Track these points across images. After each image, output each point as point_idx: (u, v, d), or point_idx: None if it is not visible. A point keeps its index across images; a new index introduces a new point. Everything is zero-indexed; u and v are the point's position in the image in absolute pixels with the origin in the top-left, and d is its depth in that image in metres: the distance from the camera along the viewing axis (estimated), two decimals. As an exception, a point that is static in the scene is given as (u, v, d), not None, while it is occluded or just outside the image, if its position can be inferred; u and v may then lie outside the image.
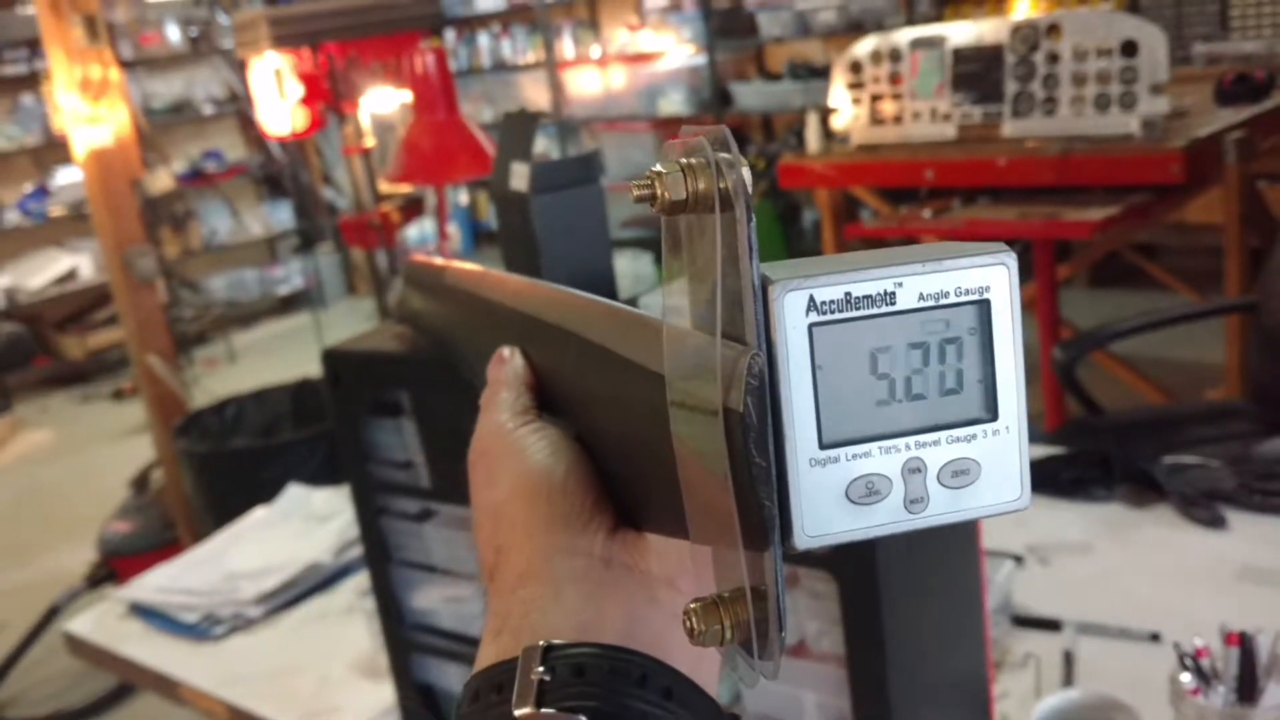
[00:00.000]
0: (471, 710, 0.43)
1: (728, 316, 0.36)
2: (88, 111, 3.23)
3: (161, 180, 3.83)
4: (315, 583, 1.78)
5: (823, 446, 0.36)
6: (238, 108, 6.98)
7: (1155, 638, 1.30)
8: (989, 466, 0.37)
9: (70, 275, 6.57)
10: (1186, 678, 1.04)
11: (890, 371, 0.36)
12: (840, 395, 0.36)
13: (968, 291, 0.36)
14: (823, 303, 0.35)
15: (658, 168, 0.36)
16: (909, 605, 0.92)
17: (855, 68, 3.50)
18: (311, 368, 4.03)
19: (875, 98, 3.47)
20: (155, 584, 1.84)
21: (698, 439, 0.38)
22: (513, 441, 0.49)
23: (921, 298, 0.36)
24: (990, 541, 1.44)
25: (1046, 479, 1.65)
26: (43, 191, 6.57)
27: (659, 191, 0.36)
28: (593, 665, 0.41)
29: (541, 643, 0.42)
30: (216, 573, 1.82)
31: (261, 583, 1.76)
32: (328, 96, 2.74)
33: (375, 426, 1.26)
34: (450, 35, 6.98)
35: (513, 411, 0.51)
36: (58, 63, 3.21)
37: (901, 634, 0.91)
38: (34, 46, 6.18)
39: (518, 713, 0.40)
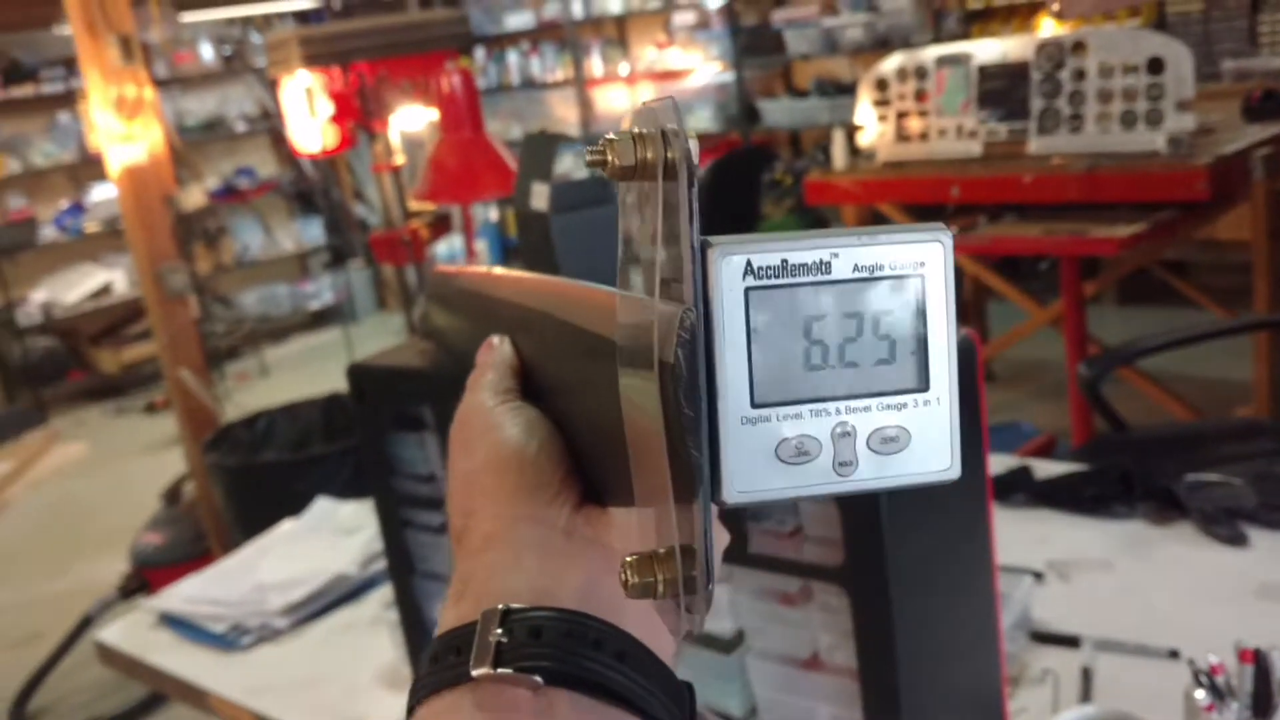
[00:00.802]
0: (431, 671, 0.44)
1: (673, 280, 0.37)
2: (122, 130, 3.30)
3: (194, 197, 3.90)
4: (342, 594, 1.80)
5: (754, 405, 0.37)
6: (270, 125, 7.07)
7: (1174, 655, 1.29)
8: (919, 435, 0.38)
9: (105, 290, 6.67)
10: (1201, 694, 1.04)
11: (824, 338, 0.38)
12: (774, 358, 0.37)
13: (903, 266, 0.38)
14: (760, 267, 0.37)
15: (610, 135, 0.38)
16: (921, 619, 0.93)
17: (881, 85, 3.51)
18: (341, 382, 4.06)
19: (901, 114, 3.48)
20: (185, 594, 1.86)
21: (640, 396, 0.39)
22: (490, 417, 0.51)
23: (856, 269, 0.38)
24: (1010, 557, 1.44)
25: (1068, 495, 1.65)
26: (78, 208, 6.68)
27: (610, 157, 0.37)
28: (549, 627, 0.43)
29: (500, 606, 0.43)
30: (245, 584, 1.84)
31: (289, 594, 1.78)
32: (358, 114, 2.78)
33: (399, 441, 1.28)
34: (480, 53, 7.04)
35: (494, 391, 0.52)
36: (93, 82, 3.27)
37: (914, 647, 0.92)
38: (70, 66, 6.29)
39: (475, 672, 0.42)
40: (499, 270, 0.68)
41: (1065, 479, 1.69)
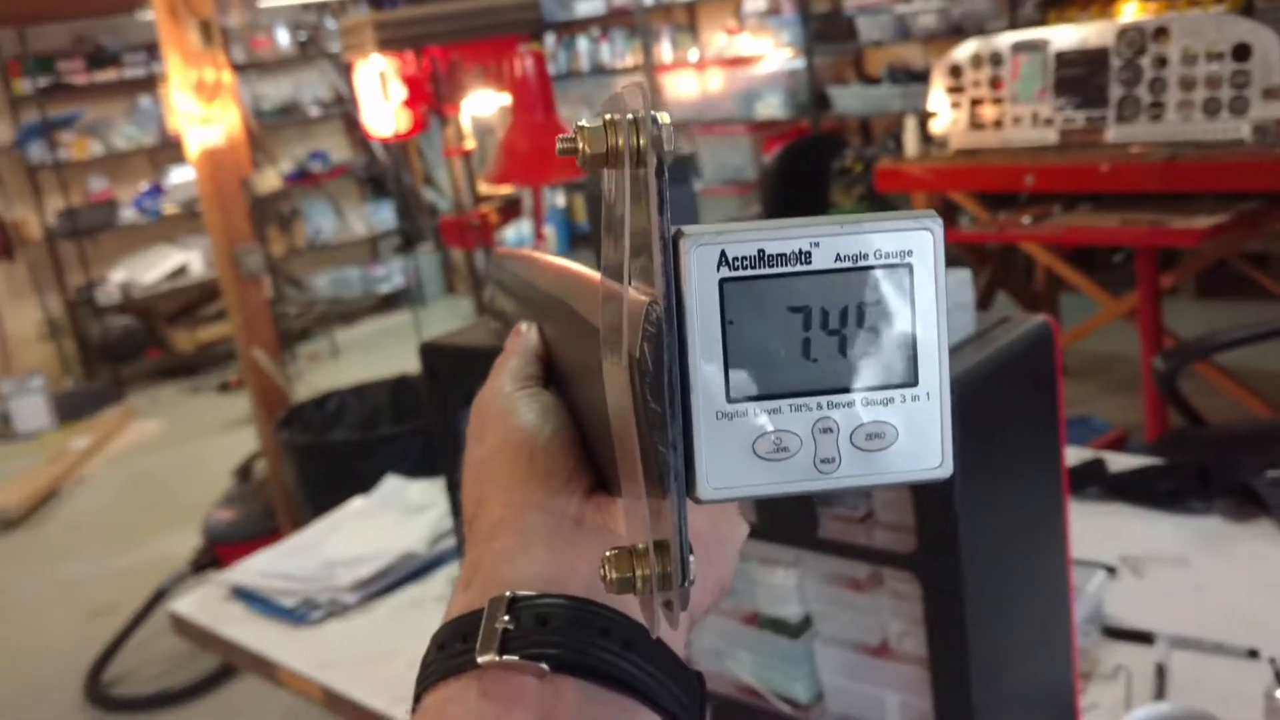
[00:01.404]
0: (437, 659, 0.44)
1: (649, 270, 0.36)
2: (201, 113, 3.36)
3: (269, 180, 3.96)
4: (409, 571, 1.82)
5: (730, 400, 0.36)
6: (343, 110, 7.17)
7: (1253, 654, 1.26)
8: (907, 432, 0.37)
9: (181, 271, 6.81)
10: (1283, 694, 1.02)
11: (805, 331, 0.36)
12: (751, 351, 0.36)
13: (889, 255, 0.36)
14: (735, 258, 0.36)
15: (583, 122, 0.36)
16: (994, 608, 0.92)
17: (955, 71, 3.46)
18: (410, 364, 4.12)
19: (975, 102, 3.43)
20: (256, 569, 1.90)
21: (619, 389, 0.38)
22: (507, 402, 0.50)
23: (839, 258, 0.36)
24: (1082, 551, 1.41)
25: (1143, 490, 1.62)
26: (157, 190, 6.82)
27: (581, 145, 0.36)
28: (556, 615, 0.42)
29: (508, 593, 0.43)
30: (315, 559, 1.88)
31: (357, 570, 1.81)
32: (430, 99, 2.80)
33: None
34: (550, 39, 7.06)
35: (515, 377, 0.52)
36: (174, 66, 3.34)
37: (986, 637, 0.91)
38: (152, 50, 6.43)
39: (481, 659, 0.41)
40: (537, 254, 0.67)
41: (1140, 473, 1.66)
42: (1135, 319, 3.38)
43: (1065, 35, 3.27)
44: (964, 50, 3.45)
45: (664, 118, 0.35)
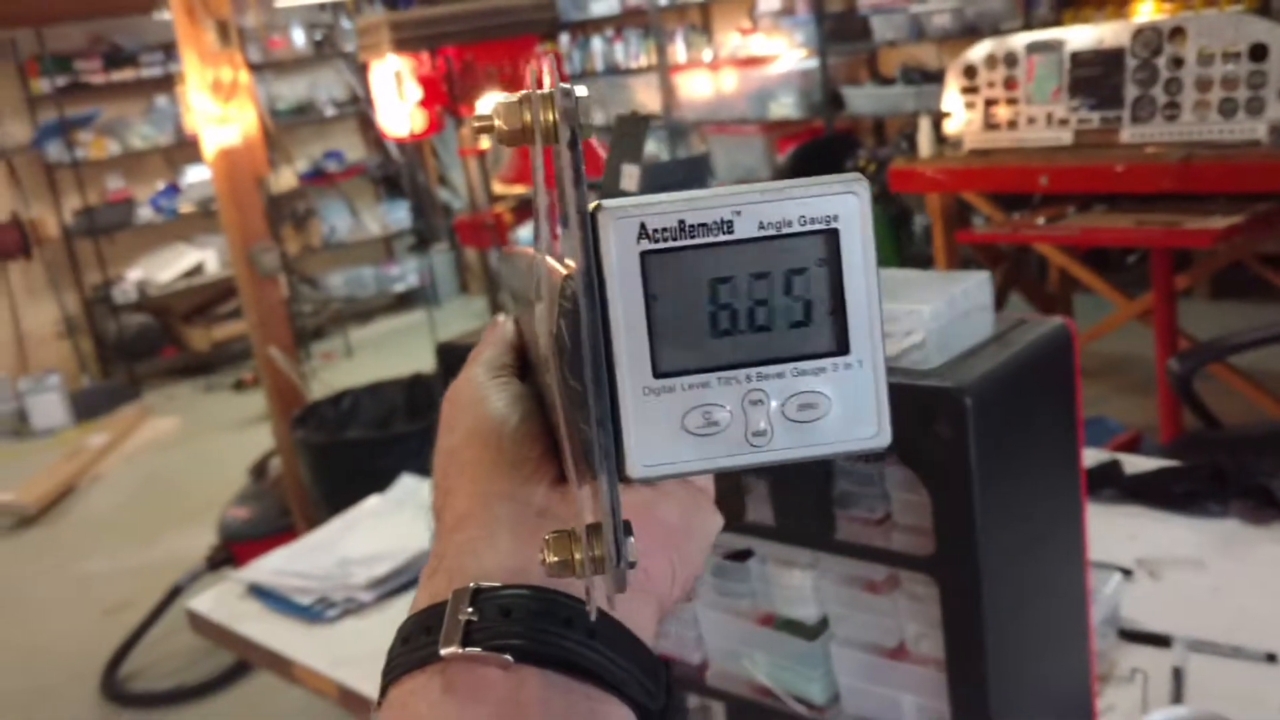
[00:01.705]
0: (401, 652, 0.43)
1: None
2: (218, 112, 3.37)
3: (285, 179, 3.98)
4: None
5: (657, 375, 0.35)
6: (358, 109, 7.19)
7: (1271, 658, 1.26)
8: (840, 402, 0.36)
9: (197, 269, 6.84)
10: (1300, 698, 1.02)
11: (731, 301, 0.35)
12: (677, 324, 0.35)
13: (813, 221, 0.35)
14: (655, 230, 0.35)
15: (497, 100, 0.36)
16: (1012, 611, 0.92)
17: (970, 72, 3.45)
18: (424, 363, 4.14)
19: (990, 102, 3.42)
20: (272, 567, 1.91)
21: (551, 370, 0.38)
22: (478, 391, 0.50)
23: (762, 226, 0.35)
24: (1098, 553, 1.41)
25: (1159, 492, 1.62)
26: (173, 189, 6.86)
27: (496, 122, 0.36)
28: (519, 606, 0.42)
29: (471, 584, 0.42)
30: (330, 558, 1.89)
31: (373, 569, 1.82)
32: (445, 99, 2.81)
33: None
34: (564, 39, 7.07)
35: (488, 366, 0.51)
36: (191, 65, 3.36)
37: (1004, 640, 0.91)
38: (169, 50, 6.46)
39: (444, 652, 0.41)
40: (529, 249, 0.68)
41: (1156, 475, 1.66)
42: (1149, 320, 3.37)
43: (1080, 35, 3.26)
44: (979, 50, 3.44)
45: (579, 90, 0.34)
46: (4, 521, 4.85)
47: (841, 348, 0.36)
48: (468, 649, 0.41)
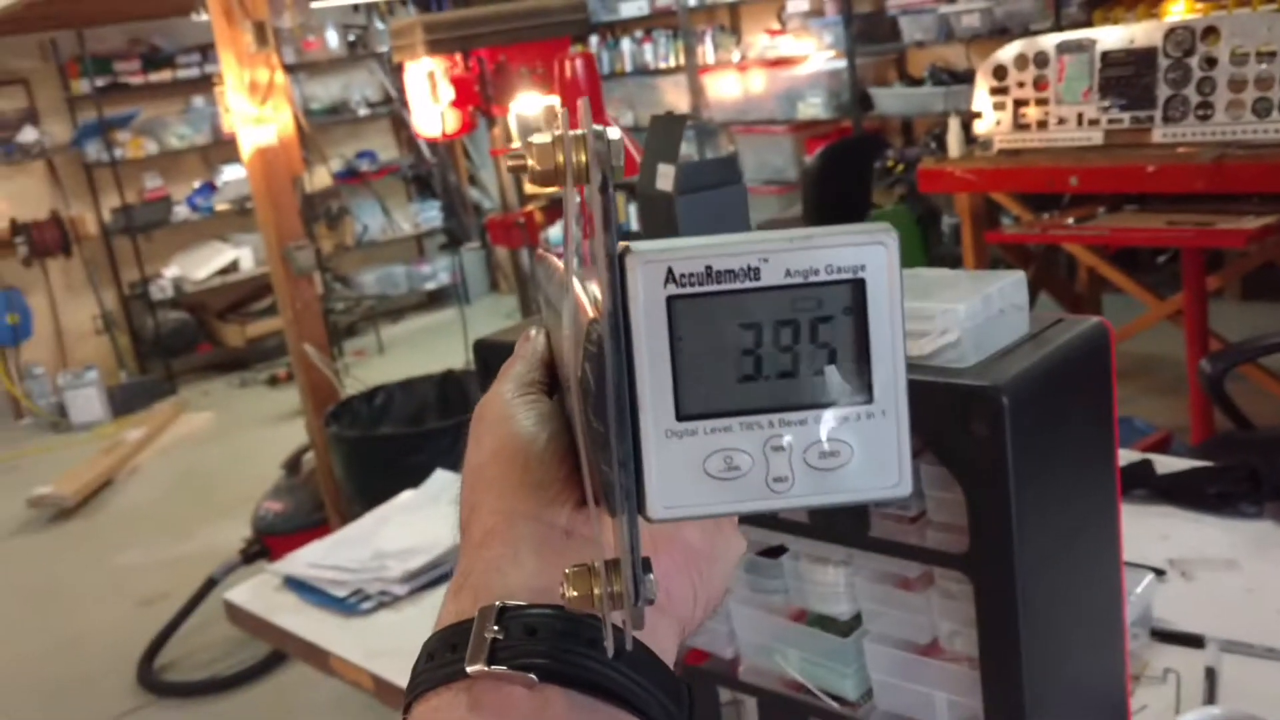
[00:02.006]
0: (426, 669, 0.44)
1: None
2: (254, 112, 3.42)
3: (319, 178, 4.01)
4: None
5: (680, 418, 0.36)
6: (391, 110, 7.24)
7: (1303, 659, 1.26)
8: (862, 450, 0.36)
9: (232, 267, 6.91)
10: (1333, 698, 1.02)
11: (756, 347, 0.36)
12: (701, 368, 0.36)
13: (840, 270, 0.36)
14: (681, 275, 0.35)
15: (533, 138, 0.36)
16: (1046, 610, 0.92)
17: (1000, 72, 3.45)
18: (456, 360, 4.17)
19: (1019, 102, 3.42)
20: (308, 559, 1.94)
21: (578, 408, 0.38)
22: (506, 408, 0.50)
23: (789, 274, 0.36)
24: (1130, 553, 1.41)
25: (1191, 492, 1.62)
26: (210, 188, 6.93)
27: (529, 162, 0.36)
28: (545, 625, 0.42)
29: (497, 603, 0.43)
30: (366, 551, 1.91)
31: (408, 562, 1.84)
32: (478, 100, 2.84)
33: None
34: (594, 40, 7.09)
35: (517, 383, 0.51)
36: (228, 66, 3.40)
37: (1038, 638, 0.91)
38: (205, 52, 6.53)
39: (470, 669, 0.41)
40: (554, 256, 0.68)
41: (1189, 475, 1.66)
42: (1179, 321, 3.36)
43: (1111, 35, 3.25)
44: (1009, 51, 3.44)
45: (612, 133, 0.34)
46: (43, 514, 4.92)
47: (865, 397, 0.36)
48: (493, 667, 0.41)
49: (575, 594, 0.37)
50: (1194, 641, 1.31)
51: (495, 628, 0.42)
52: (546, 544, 0.45)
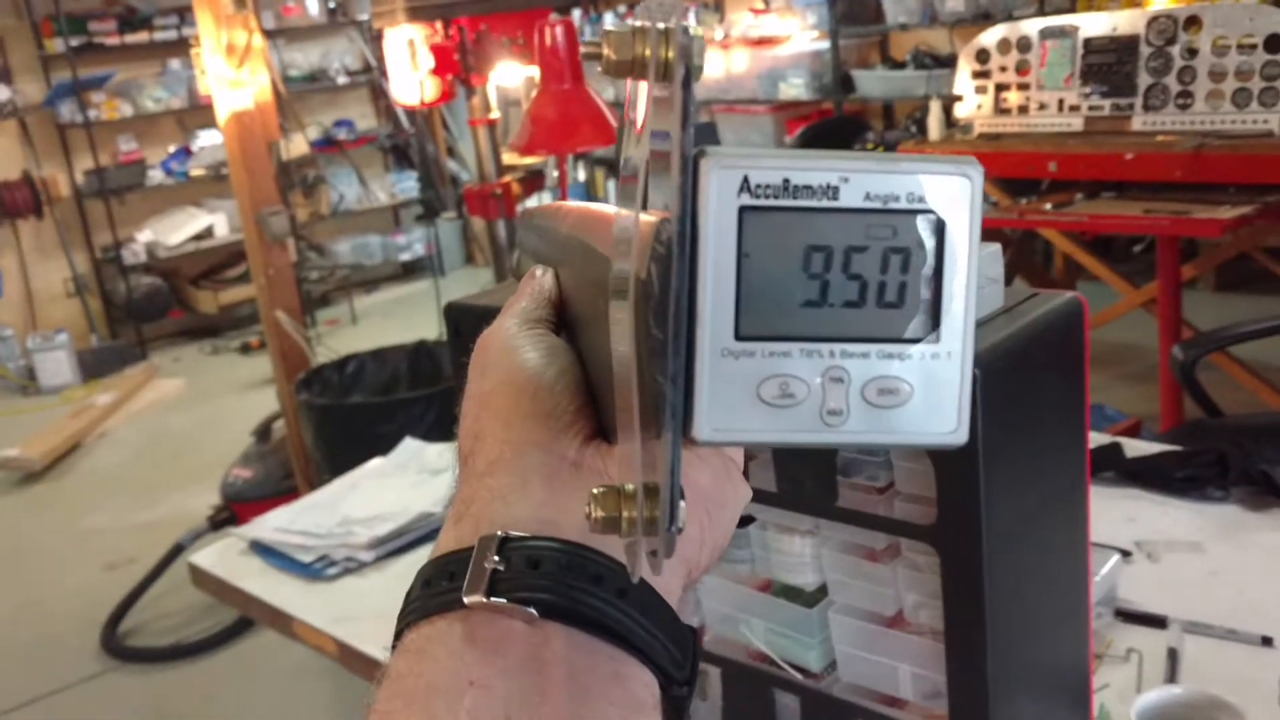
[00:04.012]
0: (421, 595, 0.42)
1: (669, 191, 0.33)
2: (231, 75, 3.37)
3: (296, 146, 3.98)
4: (425, 532, 1.84)
5: (739, 338, 0.34)
6: (370, 78, 7.17)
7: (1267, 641, 1.27)
8: (923, 391, 0.35)
9: (207, 233, 6.84)
10: (1293, 679, 1.03)
11: (824, 272, 0.34)
12: (766, 287, 0.34)
13: (921, 200, 0.34)
14: (757, 186, 0.33)
15: (609, 27, 0.35)
16: (1012, 584, 0.92)
17: (982, 56, 3.44)
18: (429, 331, 4.15)
19: (1001, 87, 3.42)
20: (274, 524, 1.92)
21: (625, 331, 0.36)
22: (513, 340, 0.48)
23: (868, 197, 0.34)
24: (1097, 534, 1.41)
25: (1159, 476, 1.63)
26: (185, 152, 6.85)
27: (606, 51, 0.34)
28: (549, 558, 0.40)
29: (499, 533, 0.41)
30: (333, 517, 1.90)
31: (374, 528, 1.83)
32: (458, 69, 2.80)
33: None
34: (577, 14, 7.04)
35: (524, 318, 0.50)
36: (205, 26, 3.35)
37: (1003, 612, 0.91)
38: (183, 14, 6.44)
39: (467, 599, 0.40)
40: (563, 203, 0.64)
41: (1157, 459, 1.67)
42: (1153, 309, 3.38)
43: (1095, 22, 3.25)
44: (992, 35, 3.43)
45: (696, 29, 0.32)
46: (10, 476, 4.88)
47: (932, 335, 0.35)
48: (492, 599, 0.39)
49: (601, 514, 0.35)
50: (1157, 622, 1.32)
51: (496, 558, 0.40)
52: (555, 475, 0.43)
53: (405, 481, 1.99)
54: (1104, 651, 1.29)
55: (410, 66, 2.82)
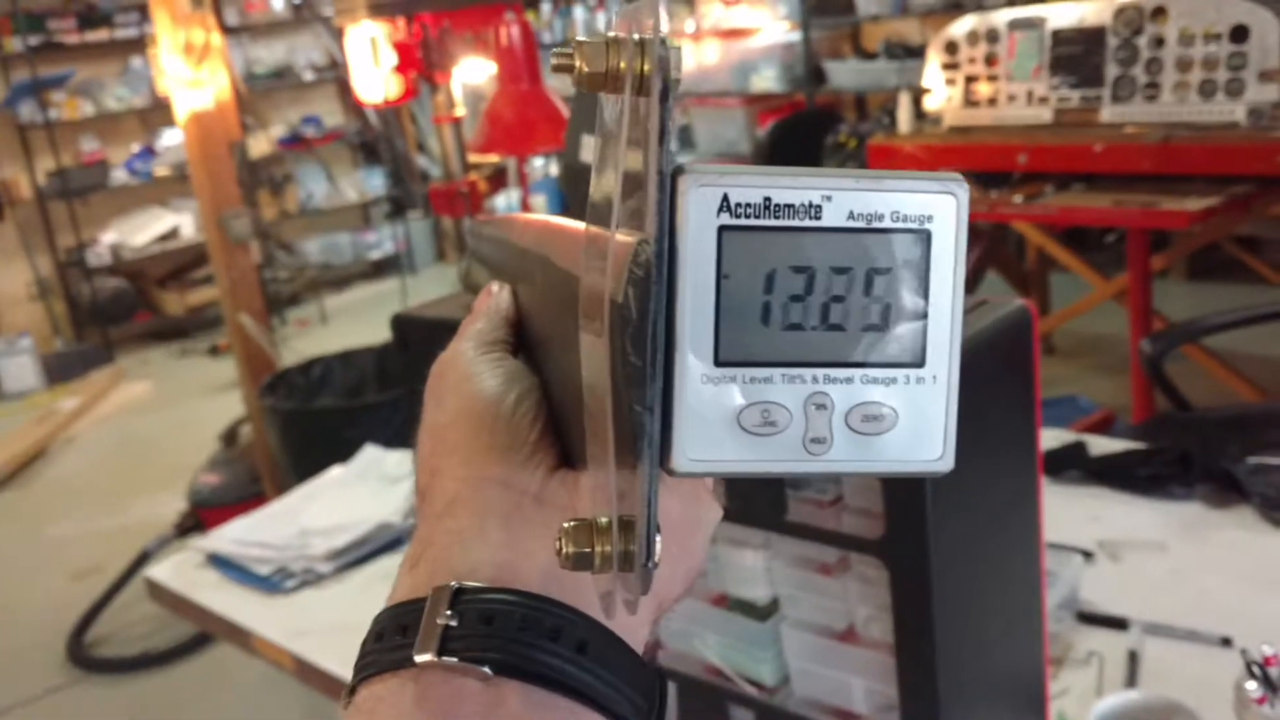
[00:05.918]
0: (374, 650, 0.41)
1: (641, 210, 0.32)
2: (190, 75, 3.32)
3: (262, 144, 3.92)
4: (384, 542, 1.81)
5: (718, 364, 0.33)
6: (337, 75, 7.10)
7: (1226, 642, 1.26)
8: (908, 418, 0.34)
9: (172, 234, 6.77)
10: (1252, 685, 1.01)
11: (806, 294, 0.33)
12: (745, 311, 0.33)
13: (906, 219, 0.33)
14: (737, 204, 0.32)
15: (581, 37, 0.33)
16: (962, 595, 0.91)
17: (951, 48, 3.43)
18: (396, 332, 4.10)
19: (970, 79, 3.40)
20: (232, 536, 1.90)
21: (596, 357, 0.35)
22: (469, 366, 0.46)
23: (851, 216, 0.33)
24: (1059, 535, 1.41)
25: (1123, 474, 1.62)
26: (149, 152, 6.77)
27: (578, 63, 0.33)
28: (503, 613, 0.39)
29: (453, 583, 0.39)
30: (291, 528, 1.87)
31: (333, 540, 1.80)
32: (421, 65, 2.77)
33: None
34: (546, 8, 6.99)
35: (479, 340, 0.48)
36: (163, 26, 3.30)
37: (953, 624, 0.90)
38: (144, 11, 6.35)
39: (418, 659, 0.38)
40: (517, 215, 0.62)
41: (1121, 457, 1.66)
42: (1125, 300, 3.38)
43: (1063, 13, 3.24)
44: (961, 26, 3.42)
45: (674, 41, 0.31)
46: (-28, 484, 4.82)
47: (917, 360, 0.34)
48: (444, 658, 0.38)
49: (572, 550, 0.34)
50: (1118, 624, 1.31)
51: (449, 612, 0.39)
52: (515, 513, 0.42)
53: (365, 490, 1.96)
54: (1064, 655, 1.28)
55: (373, 63, 2.78)
